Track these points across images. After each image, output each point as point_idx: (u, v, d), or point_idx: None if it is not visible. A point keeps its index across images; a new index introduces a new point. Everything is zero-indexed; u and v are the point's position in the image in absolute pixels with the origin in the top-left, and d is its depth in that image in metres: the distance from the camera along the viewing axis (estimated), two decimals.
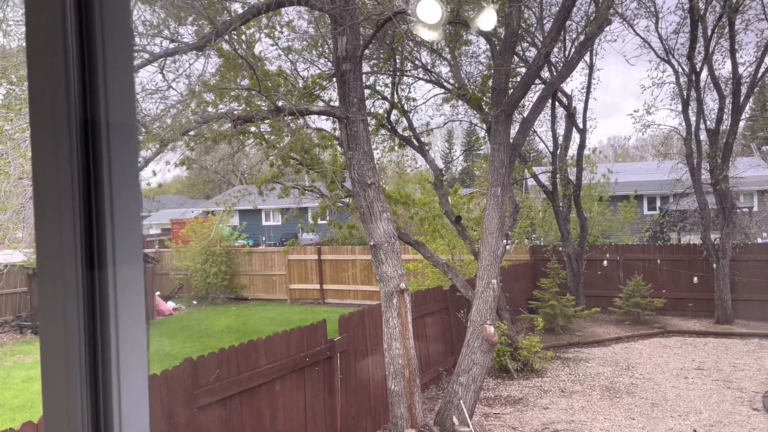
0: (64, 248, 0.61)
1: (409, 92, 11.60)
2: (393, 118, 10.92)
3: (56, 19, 0.61)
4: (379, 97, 10.97)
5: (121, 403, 0.62)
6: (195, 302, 19.21)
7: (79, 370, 0.61)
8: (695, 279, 14.33)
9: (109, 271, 0.63)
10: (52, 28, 0.61)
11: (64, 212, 0.61)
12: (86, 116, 0.63)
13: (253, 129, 8.72)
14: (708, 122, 13.94)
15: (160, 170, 13.75)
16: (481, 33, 9.52)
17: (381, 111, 11.01)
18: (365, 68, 9.85)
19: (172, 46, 6.95)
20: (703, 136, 14.00)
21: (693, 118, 13.95)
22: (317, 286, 18.70)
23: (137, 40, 6.26)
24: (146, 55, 6.25)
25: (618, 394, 8.99)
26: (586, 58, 13.79)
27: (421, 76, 11.37)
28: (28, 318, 15.66)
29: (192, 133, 6.73)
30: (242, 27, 7.28)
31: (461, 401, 7.12)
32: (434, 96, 11.83)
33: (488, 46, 10.49)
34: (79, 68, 0.62)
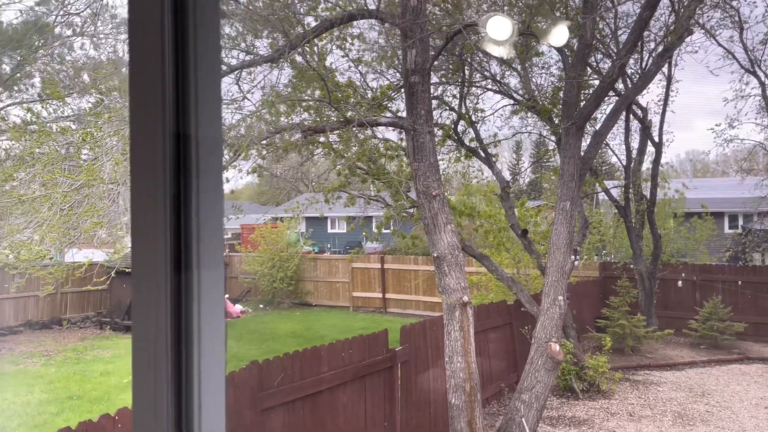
0: (155, 252, 0.67)
1: (477, 103, 11.49)
2: (460, 128, 10.89)
3: (156, 42, 0.67)
4: (447, 108, 10.96)
5: (201, 396, 0.67)
6: (261, 306, 19.73)
7: (166, 363, 0.66)
8: None
9: (193, 274, 0.68)
10: (152, 50, 0.67)
11: (156, 220, 0.67)
12: (178, 130, 0.68)
13: (322, 139, 8.92)
14: None
15: (232, 177, 14.26)
16: (552, 46, 9.37)
17: (448, 122, 11.00)
18: (433, 79, 9.89)
19: (248, 58, 7.23)
20: None
21: None
22: (379, 295, 18.79)
23: None
24: (224, 67, 6.53)
25: (692, 422, 8.55)
26: (664, 69, 13.28)
27: (489, 86, 11.29)
28: (107, 315, 16.55)
29: (264, 142, 6.97)
30: (315, 39, 7.48)
31: (523, 419, 6.98)
32: (503, 107, 11.73)
33: (560, 57, 10.30)
34: (173, 86, 0.68)
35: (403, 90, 7.98)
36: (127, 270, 11.08)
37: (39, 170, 5.41)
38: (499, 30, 4.99)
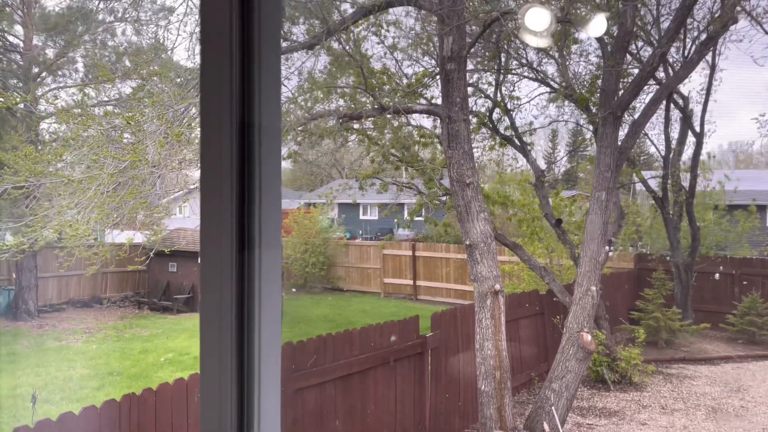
0: (222, 232, 0.73)
1: (513, 91, 11.38)
2: (495, 116, 10.80)
3: (224, 39, 0.73)
4: (482, 95, 10.88)
5: (261, 364, 0.73)
6: (294, 290, 20.02)
7: (230, 334, 0.72)
8: None
9: (255, 253, 0.74)
10: (220, 47, 0.73)
11: (223, 202, 0.73)
12: (244, 120, 0.74)
13: (356, 125, 8.98)
14: None
15: None
16: (591, 36, 9.21)
17: (483, 109, 10.92)
18: (469, 66, 9.81)
19: (285, 44, 7.31)
20: None
21: None
22: (410, 282, 18.88)
23: None
24: None
25: (725, 417, 8.42)
26: (708, 57, 12.90)
27: (526, 74, 11.16)
28: (145, 295, 17.03)
29: (300, 128, 7.06)
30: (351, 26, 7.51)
31: (553, 408, 6.98)
32: (539, 95, 11.62)
33: (599, 45, 10.11)
34: (239, 79, 0.74)
35: (438, 77, 7.97)
36: (165, 251, 11.39)
37: (86, 152, 5.61)
38: (536, 21, 4.94)
